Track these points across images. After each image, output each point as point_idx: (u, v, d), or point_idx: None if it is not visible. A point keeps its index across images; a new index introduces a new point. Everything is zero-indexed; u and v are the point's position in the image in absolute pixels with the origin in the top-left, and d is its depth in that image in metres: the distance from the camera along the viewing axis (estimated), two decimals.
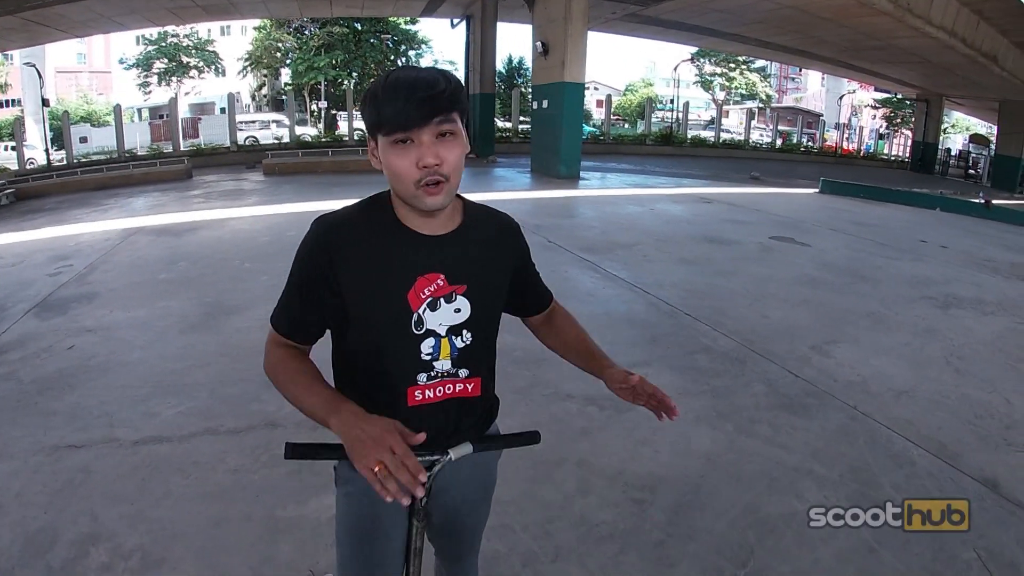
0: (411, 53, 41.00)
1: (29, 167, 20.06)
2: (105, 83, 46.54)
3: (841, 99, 54.28)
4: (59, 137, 25.26)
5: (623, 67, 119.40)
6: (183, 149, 22.75)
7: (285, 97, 31.13)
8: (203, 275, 6.85)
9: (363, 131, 1.42)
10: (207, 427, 3.59)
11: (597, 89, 55.45)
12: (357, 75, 39.37)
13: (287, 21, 37.44)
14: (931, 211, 15.59)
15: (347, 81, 37.51)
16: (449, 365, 1.38)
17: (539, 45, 17.69)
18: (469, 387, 1.42)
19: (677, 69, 42.51)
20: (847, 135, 44.89)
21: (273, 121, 31.28)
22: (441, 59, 43.42)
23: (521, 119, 30.57)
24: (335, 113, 36.99)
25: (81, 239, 9.06)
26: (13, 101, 39.57)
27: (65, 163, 20.77)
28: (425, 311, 1.33)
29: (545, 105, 17.90)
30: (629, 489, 3.06)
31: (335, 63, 37.86)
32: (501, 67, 43.41)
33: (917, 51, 23.21)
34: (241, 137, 25.39)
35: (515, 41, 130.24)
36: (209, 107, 40.69)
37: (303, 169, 18.83)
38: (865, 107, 57.44)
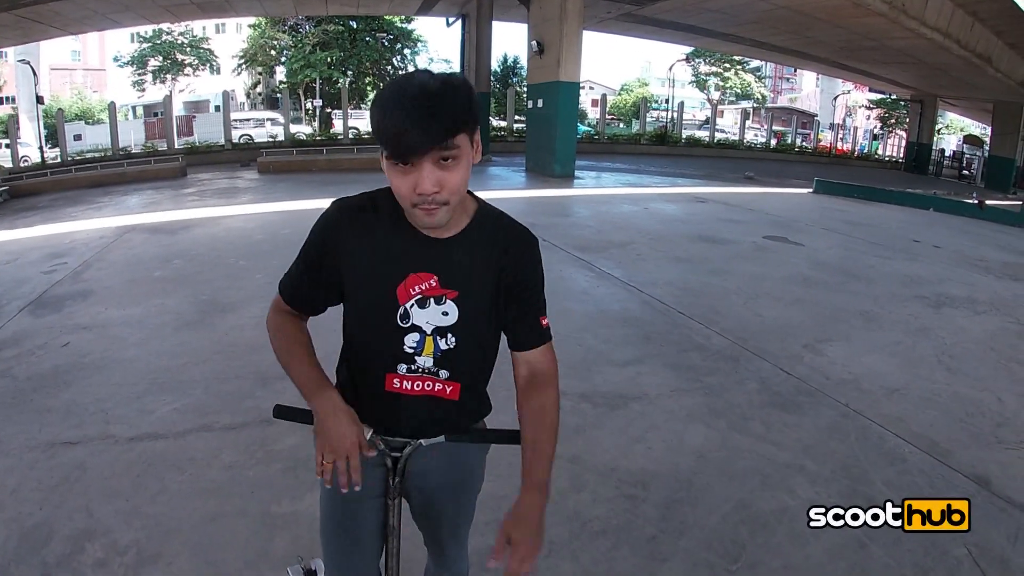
0: (406, 52, 40.96)
1: (23, 165, 19.93)
2: (100, 80, 46.40)
3: (836, 99, 54.47)
4: (53, 135, 25.15)
5: (618, 66, 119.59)
6: (178, 147, 22.63)
7: (280, 95, 31.00)
8: (198, 273, 6.84)
9: (357, 130, 1.45)
10: (202, 424, 3.59)
11: (592, 88, 55.50)
12: (352, 73, 39.32)
13: (282, 19, 37.33)
14: (925, 211, 15.65)
15: (342, 79, 37.43)
16: (431, 363, 1.40)
17: (534, 44, 17.69)
18: (448, 390, 1.43)
19: (672, 69, 42.71)
20: (841, 135, 44.98)
21: (268, 119, 31.15)
22: (436, 57, 43.33)
23: (516, 118, 30.58)
24: (330, 111, 36.92)
25: (75, 237, 9.04)
26: (7, 98, 39.37)
27: (59, 161, 20.65)
28: (413, 307, 1.36)
29: (540, 104, 17.90)
30: (622, 485, 3.08)
31: (331, 61, 37.78)
32: (496, 66, 43.39)
33: (912, 52, 23.26)
34: (236, 135, 25.33)
35: (510, 40, 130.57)
36: (204, 105, 40.54)
37: (298, 167, 18.80)
38: (859, 108, 57.65)
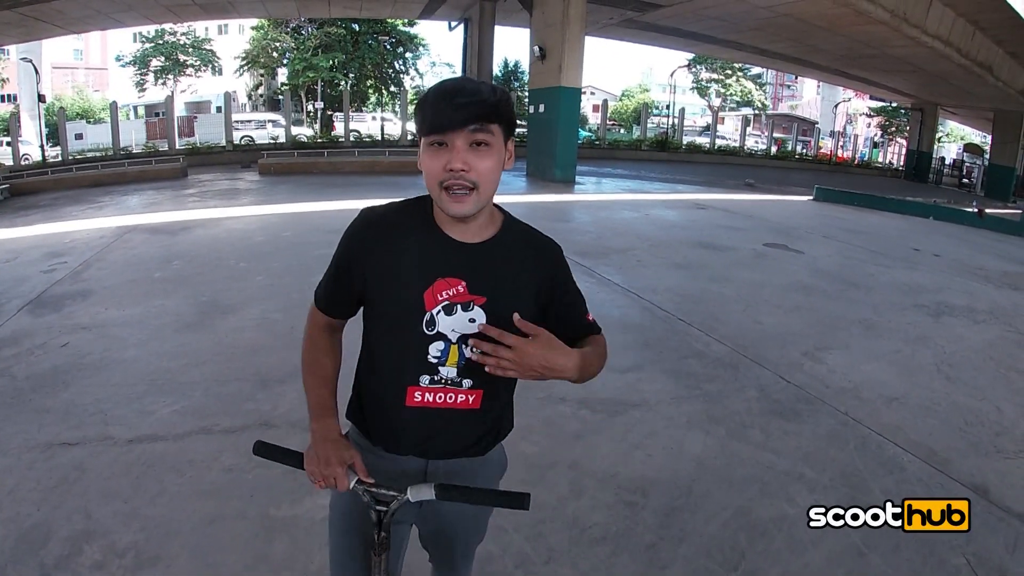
0: (408, 55, 41.00)
1: (24, 163, 19.95)
2: (101, 80, 46.42)
3: (836, 107, 54.53)
4: (54, 133, 25.19)
5: (620, 72, 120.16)
6: (179, 147, 22.62)
7: (281, 97, 30.99)
8: (198, 274, 6.84)
9: (358, 132, 1.46)
10: (202, 426, 3.59)
11: (594, 94, 55.60)
12: (354, 76, 39.36)
13: (285, 21, 37.39)
14: (924, 219, 15.68)
15: (344, 82, 37.48)
16: (454, 373, 1.39)
17: (536, 49, 17.70)
18: (470, 399, 1.42)
19: (673, 75, 42.73)
20: (842, 143, 45.07)
21: (269, 121, 31.14)
22: (438, 62, 43.55)
23: (517, 123, 30.57)
24: (331, 114, 36.93)
25: (76, 236, 9.03)
26: (9, 96, 39.40)
27: (60, 159, 20.66)
28: (439, 313, 1.35)
29: (541, 109, 17.91)
30: (621, 492, 3.08)
31: (333, 64, 37.81)
32: (498, 71, 43.45)
33: (912, 60, 23.32)
34: (237, 136, 25.32)
35: (513, 45, 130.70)
36: (205, 106, 40.63)
37: (299, 169, 18.80)
38: (860, 115, 57.74)
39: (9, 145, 20.48)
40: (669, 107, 42.66)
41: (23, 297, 6.01)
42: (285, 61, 40.82)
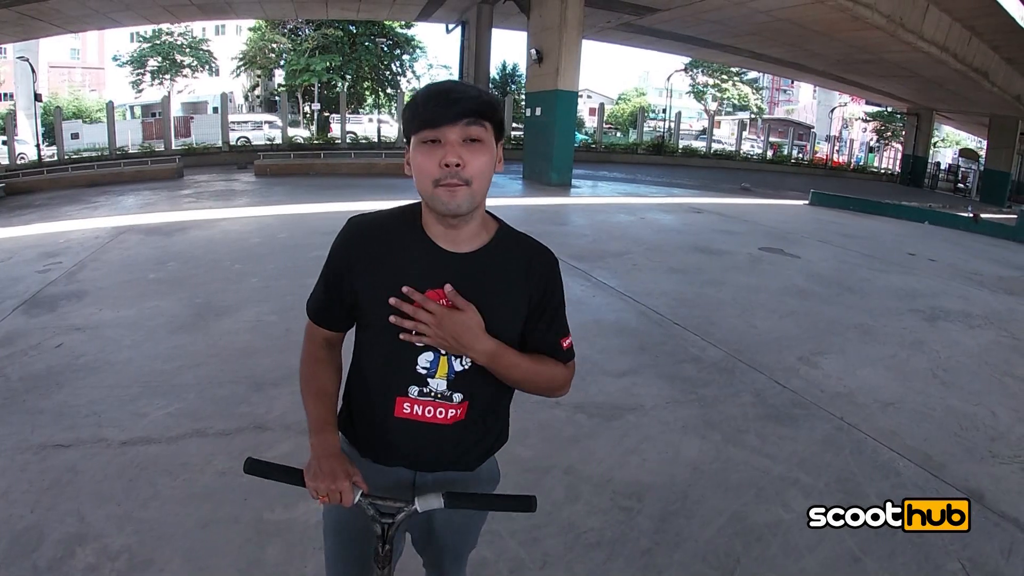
0: (405, 57, 41.01)
1: (20, 162, 19.88)
2: (98, 79, 46.33)
3: (832, 112, 54.77)
4: (51, 132, 25.09)
5: (616, 76, 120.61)
6: (175, 148, 22.58)
7: (278, 98, 30.93)
8: (193, 275, 6.82)
9: (355, 134, 1.44)
10: (195, 428, 3.58)
11: (590, 97, 55.79)
12: (351, 78, 39.33)
13: (282, 22, 37.35)
14: (920, 224, 15.72)
15: (341, 84, 37.45)
16: (444, 386, 1.38)
17: (534, 52, 17.73)
18: (459, 412, 1.41)
19: (670, 79, 42.90)
20: (838, 148, 45.18)
21: (266, 122, 31.09)
22: (436, 64, 43.51)
23: (514, 126, 30.62)
24: (328, 115, 36.89)
25: (71, 236, 9.01)
26: (5, 95, 39.30)
27: (56, 159, 20.61)
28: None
29: (538, 112, 17.93)
30: (617, 497, 3.07)
31: (330, 65, 37.79)
32: (495, 73, 43.49)
33: (908, 65, 23.39)
34: (233, 137, 25.26)
35: (510, 48, 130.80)
36: (202, 106, 40.47)
37: (295, 171, 18.80)
38: (856, 120, 57.91)
39: (5, 144, 20.40)
40: (665, 111, 42.85)
41: (18, 297, 5.99)
42: (282, 62, 40.77)
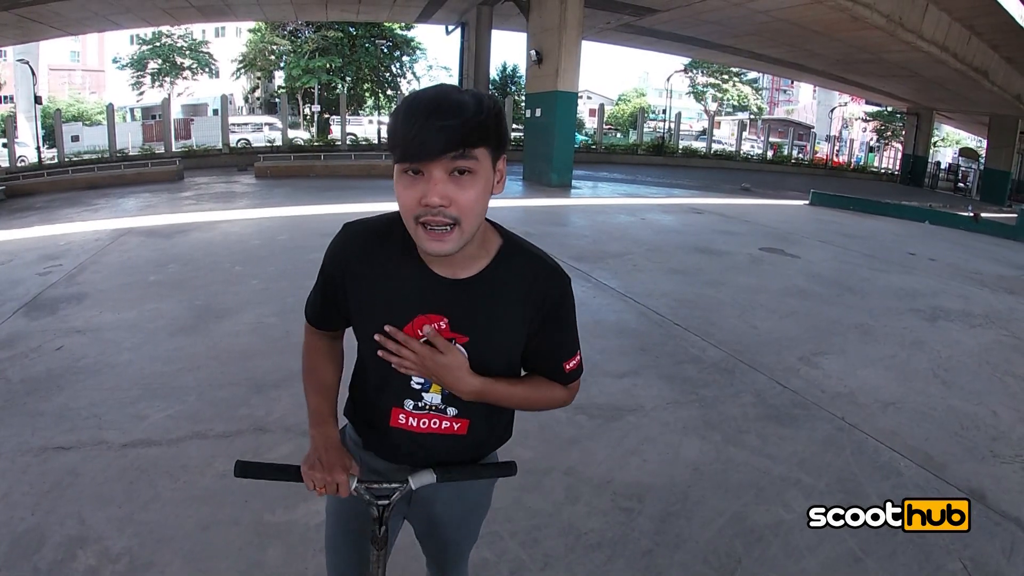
0: (405, 59, 41.02)
1: (20, 165, 19.89)
2: (98, 82, 46.36)
3: (832, 112, 54.76)
4: (51, 135, 25.12)
5: (616, 77, 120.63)
6: (175, 150, 22.60)
7: (278, 100, 30.95)
8: (193, 277, 6.82)
9: (355, 136, 1.40)
10: (196, 431, 3.58)
11: (590, 98, 55.81)
12: (351, 80, 39.34)
13: (282, 24, 37.36)
14: (920, 224, 15.72)
15: (341, 85, 37.46)
16: (439, 400, 1.36)
17: (533, 53, 17.74)
18: (456, 426, 1.39)
19: (670, 80, 42.90)
20: (838, 148, 45.19)
21: (266, 124, 31.15)
22: (436, 65, 43.55)
23: (514, 127, 30.65)
24: (328, 117, 36.91)
25: (71, 239, 9.01)
26: (5, 98, 39.32)
27: (56, 161, 20.61)
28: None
29: (538, 113, 17.95)
30: (617, 498, 3.07)
31: (330, 67, 37.80)
32: (495, 75, 43.46)
33: (908, 65, 23.40)
34: (233, 139, 25.29)
35: (510, 49, 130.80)
36: (202, 108, 40.54)
37: (295, 173, 18.81)
38: (856, 120, 57.91)
39: (5, 147, 20.42)
40: (665, 111, 42.88)
41: (18, 300, 5.99)
42: (282, 64, 40.77)
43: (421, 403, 1.36)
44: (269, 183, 16.95)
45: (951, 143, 54.38)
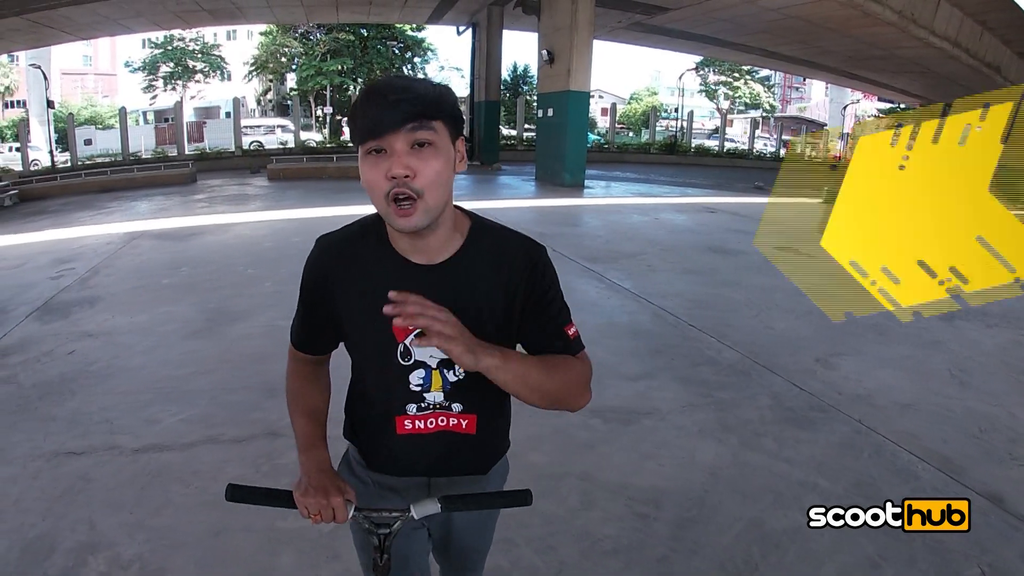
0: (417, 60, 41.14)
1: (33, 168, 20.07)
2: (110, 86, 46.78)
3: (845, 109, 54.31)
4: (63, 139, 25.34)
5: (628, 76, 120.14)
6: (187, 153, 22.78)
7: (290, 102, 31.12)
8: (206, 280, 6.84)
9: None
10: (208, 435, 3.57)
11: (602, 97, 55.66)
12: (363, 81, 39.50)
13: (293, 26, 37.55)
14: None
15: (353, 87, 37.61)
16: (441, 398, 1.34)
17: (545, 53, 17.70)
18: (463, 423, 1.36)
19: (682, 78, 42.69)
20: (851, 145, 44.86)
21: (278, 126, 31.39)
22: (447, 66, 43.65)
23: (526, 127, 30.69)
24: (340, 119, 37.06)
25: (84, 242, 9.07)
26: (18, 102, 39.73)
27: (69, 165, 20.78)
28: (412, 341, 1.27)
29: (550, 113, 17.91)
30: (633, 503, 3.03)
31: (341, 69, 37.95)
32: (506, 75, 43.47)
33: (920, 61, 23.23)
34: (246, 142, 25.47)
35: (521, 49, 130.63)
36: (214, 111, 40.81)
37: (308, 174, 18.89)
38: (869, 117, 57.54)
39: (18, 151, 20.61)
40: (677, 110, 42.69)
41: (31, 303, 6.02)
42: (294, 66, 41.04)
43: (424, 403, 1.34)
44: (282, 185, 17.02)
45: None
